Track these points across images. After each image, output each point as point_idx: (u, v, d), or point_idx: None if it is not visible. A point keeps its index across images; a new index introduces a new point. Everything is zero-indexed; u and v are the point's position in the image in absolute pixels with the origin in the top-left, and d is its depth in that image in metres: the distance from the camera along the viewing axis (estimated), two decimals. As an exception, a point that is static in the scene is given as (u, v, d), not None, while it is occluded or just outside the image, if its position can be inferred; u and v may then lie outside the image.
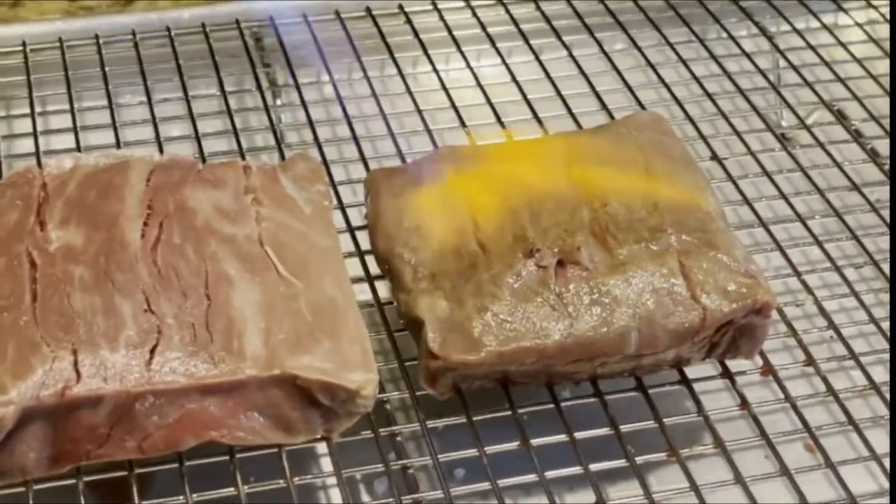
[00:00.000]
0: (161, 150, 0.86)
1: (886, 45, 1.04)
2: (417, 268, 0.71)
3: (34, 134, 0.88)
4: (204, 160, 0.84)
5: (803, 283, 0.80)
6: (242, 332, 0.66)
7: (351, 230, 0.80)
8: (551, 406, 0.71)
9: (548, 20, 1.03)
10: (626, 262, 0.70)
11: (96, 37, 0.99)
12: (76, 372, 0.64)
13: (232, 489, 0.66)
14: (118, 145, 0.88)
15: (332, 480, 0.70)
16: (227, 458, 0.67)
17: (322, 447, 0.72)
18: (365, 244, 0.78)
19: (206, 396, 0.65)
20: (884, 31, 1.07)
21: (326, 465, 0.71)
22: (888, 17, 1.08)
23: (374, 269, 0.77)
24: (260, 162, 0.79)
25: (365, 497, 0.73)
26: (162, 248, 0.70)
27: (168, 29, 0.99)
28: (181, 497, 0.66)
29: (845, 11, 1.09)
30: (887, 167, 0.91)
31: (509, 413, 0.70)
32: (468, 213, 0.73)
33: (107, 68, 0.95)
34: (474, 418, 0.70)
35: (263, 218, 0.73)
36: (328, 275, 0.71)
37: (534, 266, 0.70)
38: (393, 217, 0.74)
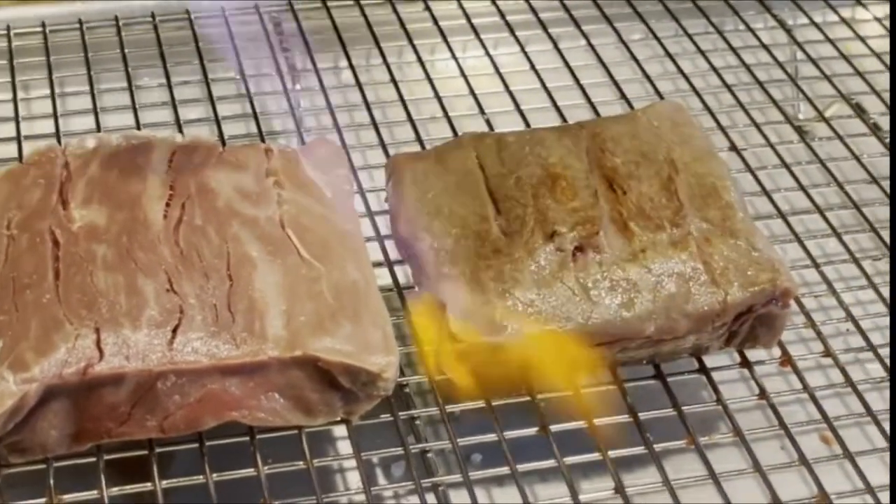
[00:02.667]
0: (181, 133, 0.86)
1: (904, 39, 1.04)
2: (439, 252, 0.71)
3: (54, 115, 0.88)
4: (223, 143, 0.84)
5: (821, 274, 0.80)
6: (264, 314, 0.67)
7: (371, 215, 0.80)
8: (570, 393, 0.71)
9: (566, 9, 1.03)
10: (646, 248, 0.70)
11: (116, 18, 0.99)
12: (99, 350, 0.64)
13: (252, 470, 0.66)
14: (137, 127, 0.88)
15: (351, 463, 0.70)
16: (247, 438, 0.67)
17: (341, 430, 0.72)
18: (384, 229, 0.78)
19: (228, 377, 0.65)
20: (902, 25, 1.07)
21: (345, 447, 0.71)
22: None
23: (394, 253, 0.77)
24: (280, 145, 0.79)
25: (382, 480, 0.73)
26: (184, 228, 0.70)
27: (187, 12, 1.00)
28: (201, 476, 0.66)
29: (863, 5, 1.09)
30: (905, 161, 0.91)
31: (528, 399, 0.70)
32: (489, 198, 0.73)
33: (126, 50, 0.96)
34: (493, 403, 0.70)
35: (285, 200, 0.73)
36: (350, 258, 0.71)
37: (554, 251, 0.70)
38: (415, 202, 0.74)
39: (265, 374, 0.66)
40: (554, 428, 0.69)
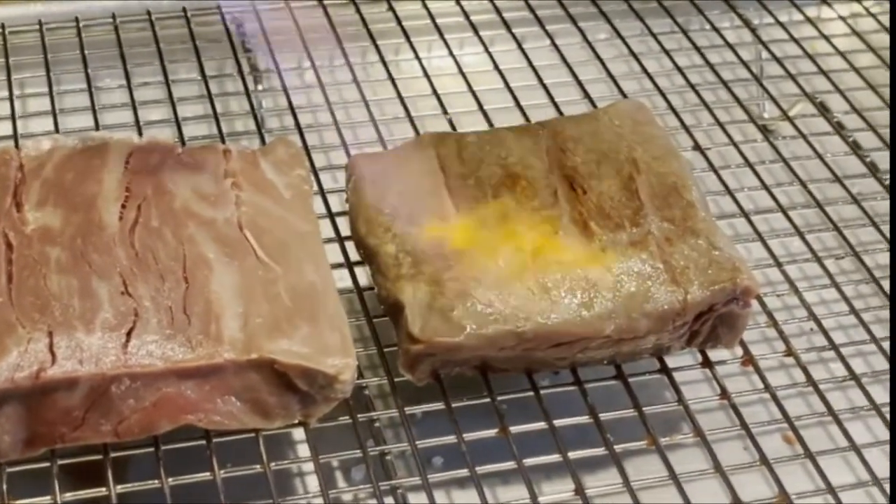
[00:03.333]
0: (140, 134, 0.85)
1: (869, 38, 1.04)
2: (398, 253, 0.70)
3: (12, 117, 0.88)
4: (184, 144, 0.84)
5: (784, 273, 0.80)
6: (220, 316, 0.66)
7: (331, 216, 0.80)
8: (531, 393, 0.71)
9: (531, 9, 1.02)
10: (606, 247, 0.70)
11: (76, 20, 0.98)
12: (51, 354, 0.63)
13: (208, 474, 0.66)
14: (97, 129, 0.87)
15: (309, 466, 0.70)
16: (203, 442, 0.67)
17: (299, 433, 0.71)
18: (345, 230, 0.78)
19: (183, 380, 0.64)
20: (866, 24, 1.07)
21: (304, 450, 0.71)
22: (871, 10, 1.08)
23: (354, 255, 0.76)
24: (240, 146, 0.78)
25: (342, 483, 0.72)
26: (140, 230, 0.69)
27: (149, 13, 0.99)
28: (157, 481, 0.65)
29: (828, 4, 1.09)
30: (869, 160, 0.91)
31: (488, 400, 0.70)
32: (449, 198, 0.73)
33: (86, 51, 0.95)
34: (453, 405, 0.70)
35: (243, 202, 0.73)
36: (308, 260, 0.70)
37: (514, 252, 0.69)
38: (374, 202, 0.74)
39: (221, 376, 0.65)
40: (514, 429, 0.69)
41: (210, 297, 0.67)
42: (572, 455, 0.68)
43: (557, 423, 0.69)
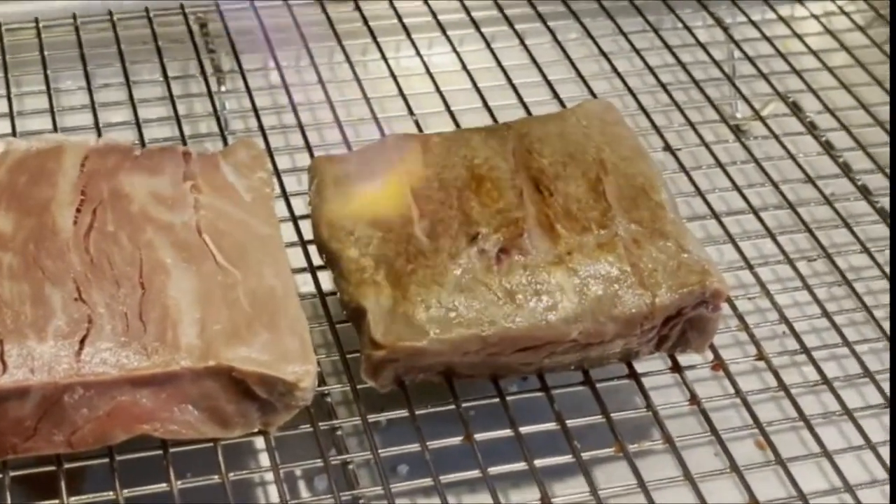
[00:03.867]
0: (100, 136, 0.83)
1: (843, 37, 1.03)
2: (361, 257, 0.69)
3: (-31, 120, 0.86)
4: (144, 147, 0.82)
5: (756, 276, 0.78)
6: (177, 323, 0.64)
7: (294, 219, 0.78)
8: (497, 400, 0.69)
9: (500, 8, 1.01)
10: (573, 250, 0.69)
11: (36, 21, 0.96)
12: (2, 363, 0.62)
13: (165, 485, 0.64)
14: (56, 131, 0.85)
15: (271, 476, 0.68)
16: (160, 452, 0.65)
17: (261, 442, 0.70)
18: (308, 234, 0.76)
19: (138, 389, 0.63)
20: (840, 23, 1.06)
21: (265, 460, 0.69)
22: (844, 9, 1.07)
23: (318, 259, 0.75)
24: (201, 148, 0.77)
25: (305, 493, 0.71)
26: (95, 235, 0.68)
27: (110, 13, 0.97)
28: (111, 493, 0.64)
29: (801, 3, 1.08)
30: (842, 160, 0.90)
31: (453, 407, 0.69)
32: (413, 201, 0.71)
33: (46, 53, 0.93)
34: (417, 412, 0.68)
35: (202, 205, 0.71)
36: (268, 264, 0.69)
37: (478, 254, 0.68)
38: (336, 205, 0.72)
39: (178, 384, 0.63)
40: (479, 436, 0.67)
41: (167, 303, 0.65)
42: (539, 463, 0.67)
43: (524, 430, 0.68)
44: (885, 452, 0.69)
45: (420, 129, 0.87)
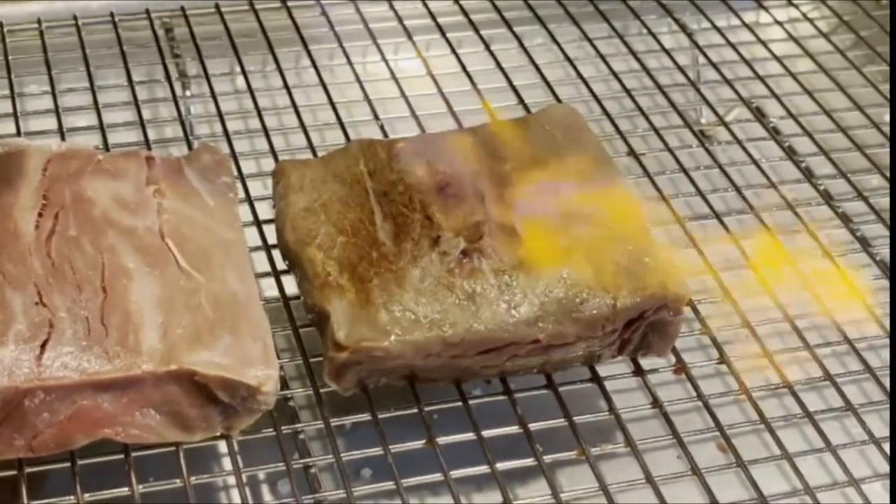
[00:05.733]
0: (64, 141, 0.83)
1: (806, 43, 1.03)
2: (324, 260, 0.69)
3: (-69, 124, 0.86)
4: (108, 151, 0.82)
5: (718, 280, 0.79)
6: (139, 327, 0.64)
7: (258, 224, 0.78)
8: (459, 404, 0.70)
9: (466, 14, 1.01)
10: (535, 253, 0.69)
11: (0, 24, 0.96)
12: (-38, 367, 0.61)
13: (126, 489, 0.64)
14: (19, 135, 0.85)
15: (234, 480, 0.68)
16: (122, 456, 0.65)
17: (223, 446, 0.70)
18: (273, 238, 0.76)
19: (100, 393, 0.63)
20: (804, 29, 1.06)
21: (228, 464, 0.69)
22: (808, 15, 1.08)
23: (282, 264, 0.75)
24: (165, 153, 0.77)
25: (268, 497, 0.71)
26: (57, 239, 0.68)
27: (75, 17, 0.97)
28: (73, 497, 0.63)
29: (766, 9, 1.09)
30: (804, 165, 0.91)
31: (416, 411, 0.69)
32: (377, 205, 0.72)
33: (10, 57, 0.93)
34: (380, 416, 0.68)
35: (165, 210, 0.71)
36: (231, 269, 0.69)
37: (440, 257, 0.68)
38: (301, 209, 0.72)
39: (139, 389, 0.63)
40: (441, 440, 0.67)
41: (129, 307, 0.65)
42: (501, 466, 0.67)
43: (486, 433, 0.68)
44: (845, 455, 0.69)
45: (385, 134, 0.87)
